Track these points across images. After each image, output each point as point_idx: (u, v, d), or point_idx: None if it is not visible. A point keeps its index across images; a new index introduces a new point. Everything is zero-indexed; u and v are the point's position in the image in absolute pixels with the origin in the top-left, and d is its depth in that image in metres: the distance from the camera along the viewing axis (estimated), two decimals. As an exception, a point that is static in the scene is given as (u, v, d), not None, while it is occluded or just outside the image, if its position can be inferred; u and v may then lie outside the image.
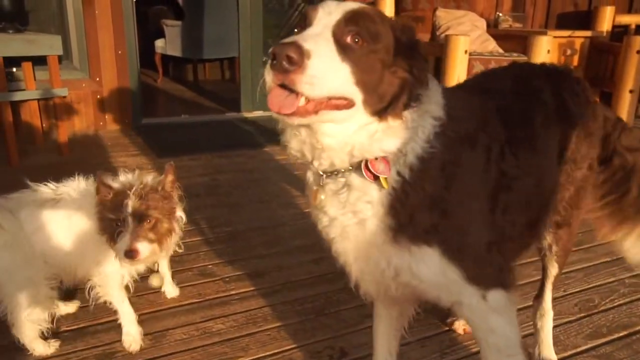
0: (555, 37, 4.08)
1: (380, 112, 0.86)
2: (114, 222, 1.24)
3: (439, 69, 3.70)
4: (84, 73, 3.46)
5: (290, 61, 0.76)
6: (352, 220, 0.93)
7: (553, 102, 1.18)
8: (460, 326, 1.47)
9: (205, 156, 3.03)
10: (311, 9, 0.87)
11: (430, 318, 1.49)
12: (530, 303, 1.35)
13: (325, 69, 0.79)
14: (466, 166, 0.96)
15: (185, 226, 2.03)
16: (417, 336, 1.41)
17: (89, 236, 1.33)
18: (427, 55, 3.79)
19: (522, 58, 3.90)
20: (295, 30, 0.88)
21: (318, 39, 0.80)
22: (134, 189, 1.26)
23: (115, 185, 1.30)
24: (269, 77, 0.79)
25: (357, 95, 0.83)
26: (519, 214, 1.08)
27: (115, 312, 1.40)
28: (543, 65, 1.31)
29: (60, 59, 2.92)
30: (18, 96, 2.74)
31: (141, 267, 1.40)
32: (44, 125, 3.24)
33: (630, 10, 4.96)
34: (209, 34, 5.50)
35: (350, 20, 0.83)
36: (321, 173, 0.92)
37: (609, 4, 4.71)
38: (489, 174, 1.00)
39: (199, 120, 3.94)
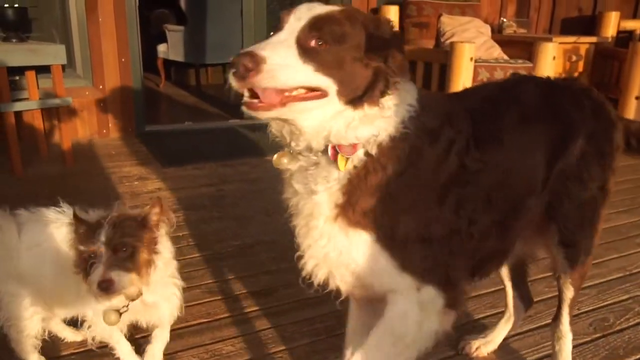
0: (560, 43, 4.05)
1: (355, 100, 0.91)
2: (87, 254, 1.13)
3: (444, 76, 3.68)
4: (87, 81, 3.44)
5: (247, 69, 0.82)
6: (307, 194, 0.98)
7: (537, 103, 1.14)
8: (474, 346, 1.44)
9: (210, 165, 3.01)
10: (285, 14, 0.93)
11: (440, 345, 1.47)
12: (543, 322, 1.33)
13: (282, 69, 0.85)
14: (425, 156, 0.98)
15: (193, 240, 2.03)
16: None
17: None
18: (434, 62, 3.77)
19: (528, 65, 3.88)
20: (271, 33, 0.93)
21: (277, 46, 0.87)
22: (108, 217, 1.16)
23: (91, 218, 1.20)
24: (234, 84, 0.86)
25: (330, 86, 0.89)
26: (479, 212, 1.04)
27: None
28: (543, 77, 1.26)
29: (63, 67, 2.90)
30: (22, 106, 2.72)
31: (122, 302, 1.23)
32: (47, 133, 3.22)
33: (635, 16, 4.93)
34: (211, 39, 5.48)
35: (314, 25, 0.88)
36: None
37: (614, 9, 4.69)
38: (446, 166, 0.99)
39: (203, 128, 3.92)
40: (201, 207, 2.37)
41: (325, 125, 0.91)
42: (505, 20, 4.70)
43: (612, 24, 4.62)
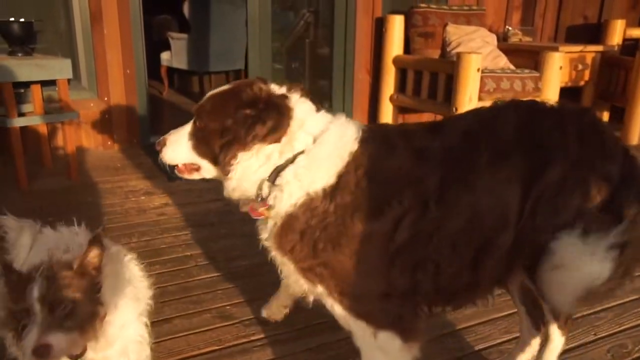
0: (566, 52, 4.03)
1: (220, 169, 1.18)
2: (19, 314, 0.96)
3: (449, 87, 3.66)
4: (92, 92, 3.43)
5: (159, 145, 1.25)
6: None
7: (514, 135, 1.10)
8: None
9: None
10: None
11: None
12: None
13: (171, 149, 1.24)
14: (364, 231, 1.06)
15: (201, 259, 2.01)
16: None
17: None
18: (440, 72, 3.75)
19: (534, 74, 3.87)
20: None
21: (178, 130, 1.24)
22: (40, 269, 0.98)
23: (23, 267, 1.05)
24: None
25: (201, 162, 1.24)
26: (443, 262, 1.08)
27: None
28: (526, 102, 1.20)
29: (68, 79, 2.89)
30: (28, 122, 2.70)
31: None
32: (52, 145, 3.20)
33: (640, 24, 4.91)
34: (215, 46, 5.47)
35: (197, 110, 1.22)
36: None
37: (620, 17, 4.67)
38: (391, 239, 1.06)
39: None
40: (209, 224, 2.35)
41: (232, 185, 1.21)
42: (510, 28, 4.69)
43: (617, 32, 4.60)
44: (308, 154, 1.11)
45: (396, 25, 4.09)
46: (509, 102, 1.22)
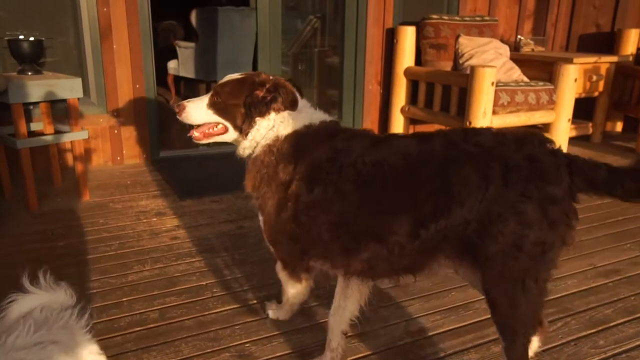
0: (581, 63, 3.97)
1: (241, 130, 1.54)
2: None
3: (463, 100, 3.60)
4: (101, 108, 3.39)
5: (179, 108, 1.59)
6: None
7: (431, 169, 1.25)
8: None
9: (227, 197, 2.95)
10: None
11: None
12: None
13: (193, 111, 1.57)
14: (275, 170, 1.45)
15: (218, 289, 1.96)
16: None
17: None
18: (453, 85, 3.70)
19: (549, 87, 3.81)
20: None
21: (196, 100, 1.58)
22: None
23: None
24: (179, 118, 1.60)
25: (225, 123, 1.57)
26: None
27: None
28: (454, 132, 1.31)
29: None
30: (38, 142, 2.66)
31: None
32: (61, 162, 3.17)
33: (655, 33, 4.83)
34: (222, 55, 5.43)
35: (217, 88, 1.55)
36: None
37: (634, 26, 4.60)
38: (289, 188, 1.41)
39: (217, 152, 3.85)
40: (222, 249, 2.30)
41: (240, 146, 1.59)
42: (522, 38, 4.63)
43: (632, 42, 4.53)
44: (289, 122, 1.49)
45: (407, 36, 4.04)
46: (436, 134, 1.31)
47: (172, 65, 5.65)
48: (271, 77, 1.53)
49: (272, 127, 1.48)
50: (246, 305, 1.87)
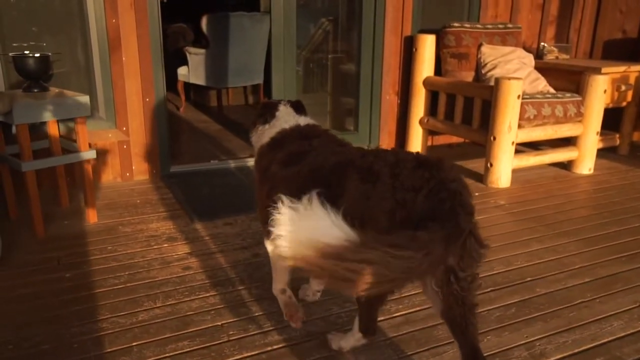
0: (610, 73, 3.78)
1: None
2: None
3: (486, 113, 3.44)
4: (110, 123, 3.27)
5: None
6: None
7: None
8: None
9: (241, 219, 2.81)
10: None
11: None
12: None
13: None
14: (264, 158, 1.80)
15: (235, 331, 1.82)
16: None
17: None
18: (475, 97, 3.53)
19: (576, 99, 3.63)
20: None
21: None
22: None
23: None
24: None
25: None
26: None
27: None
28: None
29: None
30: (44, 164, 2.53)
31: None
32: (69, 180, 3.05)
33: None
34: (233, 62, 5.30)
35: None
36: None
37: (662, 32, 4.41)
38: (268, 169, 1.73)
39: (229, 167, 3.73)
40: (238, 281, 2.17)
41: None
42: (545, 45, 4.44)
43: (660, 49, 4.34)
44: (272, 128, 1.88)
45: (427, 45, 3.87)
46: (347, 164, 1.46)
47: (182, 72, 5.53)
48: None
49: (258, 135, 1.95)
50: (265, 352, 1.73)
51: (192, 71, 5.43)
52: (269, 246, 1.79)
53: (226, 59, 5.25)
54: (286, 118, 1.91)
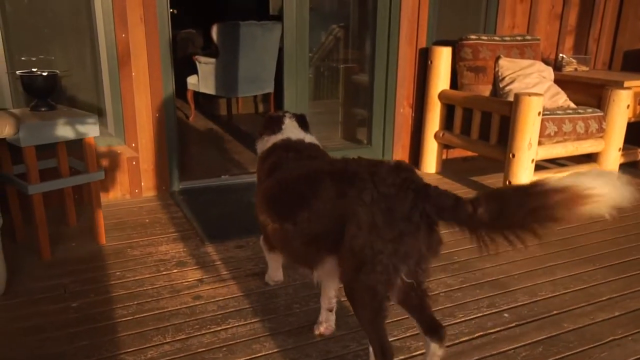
0: (633, 87, 3.66)
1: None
2: None
3: (505, 129, 3.33)
4: (119, 139, 3.19)
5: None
6: None
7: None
8: None
9: (253, 240, 2.72)
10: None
11: None
12: None
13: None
14: (265, 163, 1.93)
15: (246, 373, 1.73)
16: None
17: None
18: (494, 112, 3.42)
19: (598, 114, 3.51)
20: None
21: None
22: None
23: None
24: None
25: None
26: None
27: None
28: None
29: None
30: (52, 186, 2.46)
31: None
32: (76, 198, 2.98)
33: None
34: (244, 72, 5.22)
35: None
36: None
37: (686, 43, 4.28)
38: (268, 172, 1.87)
39: (239, 182, 3.64)
40: (250, 313, 2.08)
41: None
42: (564, 56, 4.32)
43: (684, 60, 4.21)
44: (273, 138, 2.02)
45: (443, 57, 3.77)
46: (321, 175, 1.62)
47: (192, 81, 5.46)
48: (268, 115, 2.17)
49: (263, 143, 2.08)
50: (280, 396, 1.64)
51: (202, 81, 5.36)
52: (262, 244, 2.15)
53: (237, 68, 5.18)
54: (286, 132, 2.05)
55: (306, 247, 1.60)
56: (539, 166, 3.58)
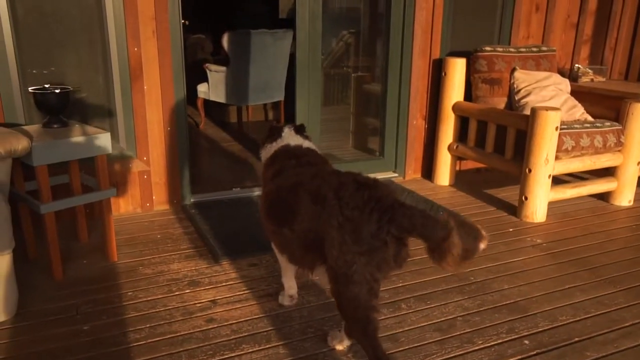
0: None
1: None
2: None
3: (521, 143, 3.27)
4: (131, 152, 3.17)
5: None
6: None
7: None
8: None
9: (266, 258, 2.69)
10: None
11: None
12: None
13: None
14: (268, 170, 2.07)
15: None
16: None
17: None
18: (509, 126, 3.37)
19: (617, 127, 3.45)
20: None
21: None
22: None
23: None
24: None
25: None
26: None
27: None
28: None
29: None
30: (64, 205, 2.44)
31: None
32: (88, 213, 2.96)
33: None
34: (254, 80, 5.20)
35: None
36: None
37: None
38: (271, 178, 2.01)
39: (252, 195, 3.61)
40: (264, 338, 2.04)
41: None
42: (580, 67, 4.25)
43: (703, 70, 4.12)
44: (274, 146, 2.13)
45: (457, 69, 3.72)
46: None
47: (202, 89, 5.45)
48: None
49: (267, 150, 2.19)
50: None
51: (213, 89, 5.34)
52: (274, 248, 2.16)
53: (247, 76, 5.16)
54: (285, 140, 2.16)
55: (303, 251, 1.75)
56: (557, 180, 3.52)
